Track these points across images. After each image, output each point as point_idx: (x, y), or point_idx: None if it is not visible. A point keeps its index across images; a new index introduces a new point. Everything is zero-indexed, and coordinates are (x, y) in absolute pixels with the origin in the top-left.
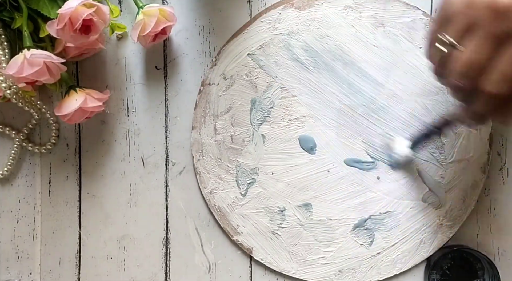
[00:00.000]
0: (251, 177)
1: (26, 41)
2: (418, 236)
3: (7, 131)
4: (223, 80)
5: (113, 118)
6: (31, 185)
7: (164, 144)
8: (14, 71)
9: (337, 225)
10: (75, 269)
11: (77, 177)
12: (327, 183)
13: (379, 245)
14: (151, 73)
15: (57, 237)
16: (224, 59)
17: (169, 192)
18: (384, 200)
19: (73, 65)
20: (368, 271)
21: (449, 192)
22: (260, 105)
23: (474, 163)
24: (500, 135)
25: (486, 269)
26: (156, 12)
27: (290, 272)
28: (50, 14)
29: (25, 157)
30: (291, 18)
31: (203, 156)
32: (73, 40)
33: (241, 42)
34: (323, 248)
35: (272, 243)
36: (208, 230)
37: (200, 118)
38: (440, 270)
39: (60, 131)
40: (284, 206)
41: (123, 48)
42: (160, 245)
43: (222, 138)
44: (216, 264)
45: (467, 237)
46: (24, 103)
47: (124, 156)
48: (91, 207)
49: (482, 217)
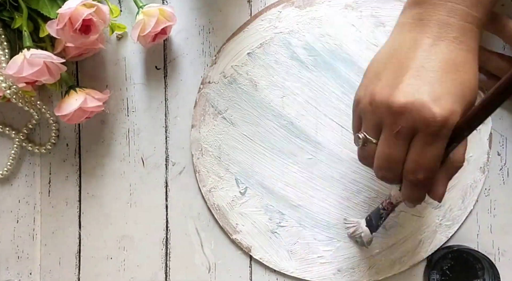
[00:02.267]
0: (250, 176)
1: (26, 41)
2: (417, 236)
3: (7, 131)
4: (223, 78)
5: (113, 118)
6: (31, 185)
7: (164, 144)
8: (14, 71)
9: (336, 225)
10: (75, 269)
11: (77, 177)
12: (326, 182)
13: (378, 245)
14: (151, 73)
15: (57, 237)
16: (224, 57)
17: (169, 192)
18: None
19: (73, 65)
20: (367, 271)
21: (448, 192)
22: (260, 104)
23: (474, 163)
24: (500, 135)
25: (486, 269)
26: (156, 12)
27: (289, 271)
28: (50, 14)
29: (25, 157)
30: (292, 17)
31: (203, 155)
32: (73, 40)
33: (241, 41)
34: (322, 247)
35: (271, 242)
36: (208, 230)
37: (199, 116)
38: (440, 270)
39: (60, 131)
40: (284, 205)
41: (123, 48)
42: (160, 245)
43: (222, 137)
44: (216, 264)
45: (467, 237)
46: (24, 103)
47: (124, 156)
48: (91, 207)
49: (482, 217)
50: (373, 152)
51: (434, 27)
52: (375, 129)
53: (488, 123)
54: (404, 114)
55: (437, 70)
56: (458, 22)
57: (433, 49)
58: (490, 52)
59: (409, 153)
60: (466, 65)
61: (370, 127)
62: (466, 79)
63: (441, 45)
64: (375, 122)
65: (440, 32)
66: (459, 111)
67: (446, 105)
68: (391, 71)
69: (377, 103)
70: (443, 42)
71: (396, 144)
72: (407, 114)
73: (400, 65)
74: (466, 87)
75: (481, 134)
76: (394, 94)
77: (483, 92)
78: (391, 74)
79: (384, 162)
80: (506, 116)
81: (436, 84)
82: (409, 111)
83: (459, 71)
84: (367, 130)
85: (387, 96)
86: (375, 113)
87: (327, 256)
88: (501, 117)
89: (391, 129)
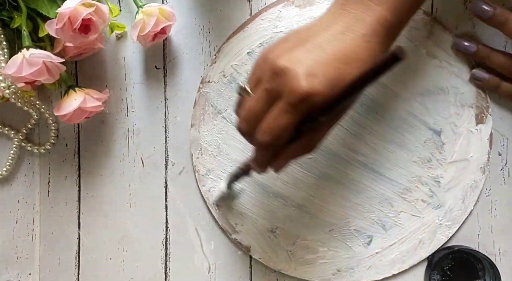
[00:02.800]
0: (250, 175)
1: (25, 41)
2: (416, 236)
3: (6, 131)
4: (222, 77)
5: (112, 118)
6: (30, 185)
7: (164, 144)
8: (13, 71)
9: (336, 224)
10: (75, 270)
11: (76, 177)
12: (326, 182)
13: (378, 245)
14: (151, 72)
15: (57, 238)
16: (224, 57)
17: (168, 192)
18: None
19: (72, 65)
20: (366, 271)
21: (448, 192)
22: None
23: (474, 163)
24: (501, 135)
25: (487, 270)
26: (155, 12)
27: (288, 271)
28: (49, 14)
29: (24, 157)
30: (292, 16)
31: (202, 154)
32: (72, 39)
33: (241, 40)
34: (321, 247)
35: (270, 242)
36: (207, 230)
37: (199, 115)
38: (441, 271)
39: (59, 131)
40: (283, 205)
41: (123, 48)
42: (159, 246)
43: (222, 136)
44: (216, 264)
45: (468, 238)
46: (23, 103)
47: (124, 156)
48: (90, 207)
49: (483, 217)
50: (242, 104)
51: (350, 19)
52: (255, 83)
53: (488, 123)
54: (278, 77)
55: (330, 53)
56: (371, 22)
57: (339, 36)
58: (492, 49)
59: (268, 115)
60: (358, 63)
61: (252, 80)
62: (349, 74)
63: (348, 36)
64: (257, 76)
65: (352, 25)
66: (324, 94)
67: (315, 84)
68: (295, 39)
69: (267, 59)
70: (351, 34)
71: (262, 100)
72: (280, 77)
73: (305, 37)
74: (344, 79)
75: (481, 134)
76: (281, 56)
77: (483, 91)
78: (293, 42)
79: (247, 113)
80: (507, 116)
81: (320, 64)
82: (283, 75)
83: (348, 65)
84: (250, 81)
85: (276, 56)
86: (261, 68)
87: (326, 256)
88: (502, 117)
89: (264, 85)
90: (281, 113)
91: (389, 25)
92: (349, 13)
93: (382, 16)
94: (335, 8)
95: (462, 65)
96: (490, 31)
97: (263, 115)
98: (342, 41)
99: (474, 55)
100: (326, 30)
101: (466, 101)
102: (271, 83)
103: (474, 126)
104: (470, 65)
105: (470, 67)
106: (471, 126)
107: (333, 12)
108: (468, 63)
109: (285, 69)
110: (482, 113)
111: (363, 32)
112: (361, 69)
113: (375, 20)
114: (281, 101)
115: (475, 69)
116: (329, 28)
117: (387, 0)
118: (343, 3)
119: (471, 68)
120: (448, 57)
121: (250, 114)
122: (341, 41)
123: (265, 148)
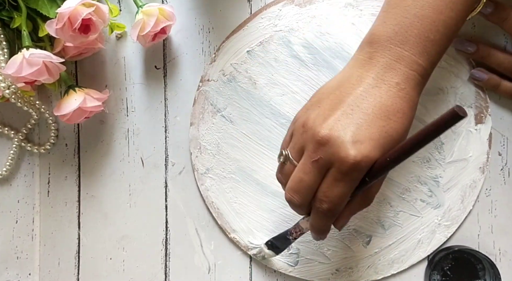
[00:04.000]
0: (249, 174)
1: (25, 41)
2: (416, 235)
3: (6, 131)
4: (222, 76)
5: (112, 118)
6: (30, 185)
7: (164, 144)
8: (13, 71)
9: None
10: (74, 270)
11: (76, 177)
12: None
13: (377, 244)
14: (151, 72)
15: (56, 238)
16: (224, 55)
17: (168, 192)
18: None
19: (72, 65)
20: (366, 270)
21: (448, 192)
22: (259, 102)
23: (473, 163)
24: (501, 135)
25: (487, 270)
26: (155, 12)
27: (288, 271)
28: (49, 14)
29: (24, 157)
30: (291, 15)
31: (201, 153)
32: (72, 39)
33: (240, 39)
34: (320, 247)
35: None
36: (207, 230)
37: (198, 114)
38: (441, 271)
39: (59, 131)
40: (282, 204)
41: (123, 48)
42: (159, 246)
43: (221, 135)
44: (216, 264)
45: (468, 238)
46: (23, 103)
47: (124, 156)
48: (90, 207)
49: (483, 217)
50: (290, 172)
51: (380, 69)
52: (298, 151)
53: (488, 123)
54: (325, 146)
55: (369, 113)
56: (403, 68)
57: (373, 90)
58: (492, 48)
59: (321, 183)
60: (398, 114)
61: (295, 148)
62: (394, 129)
63: (382, 88)
64: (300, 145)
65: (384, 75)
66: (375, 158)
67: (363, 149)
68: (330, 101)
69: (307, 128)
70: (384, 85)
71: (311, 171)
72: (327, 147)
73: (340, 98)
74: (390, 136)
75: (481, 134)
76: (323, 125)
77: (482, 91)
78: (329, 105)
79: (296, 184)
80: (507, 116)
81: (363, 127)
82: (329, 145)
83: (389, 119)
84: (292, 150)
85: (317, 124)
86: (303, 137)
87: (326, 256)
88: (502, 117)
89: (310, 156)
90: (335, 182)
91: (421, 70)
92: (377, 62)
93: (413, 62)
94: (362, 58)
95: (462, 65)
96: (490, 31)
97: (316, 186)
98: (378, 95)
99: (474, 54)
100: (358, 86)
101: (465, 101)
102: (318, 154)
103: (473, 126)
104: (469, 65)
105: (470, 67)
106: (470, 126)
107: (361, 63)
108: (467, 63)
109: (330, 139)
110: (482, 113)
111: (396, 80)
112: (403, 120)
113: (407, 67)
114: (333, 170)
115: (474, 69)
116: (360, 83)
117: (417, 45)
118: (370, 52)
119: (471, 68)
120: (447, 57)
121: (302, 186)
122: (376, 96)
123: (323, 214)
